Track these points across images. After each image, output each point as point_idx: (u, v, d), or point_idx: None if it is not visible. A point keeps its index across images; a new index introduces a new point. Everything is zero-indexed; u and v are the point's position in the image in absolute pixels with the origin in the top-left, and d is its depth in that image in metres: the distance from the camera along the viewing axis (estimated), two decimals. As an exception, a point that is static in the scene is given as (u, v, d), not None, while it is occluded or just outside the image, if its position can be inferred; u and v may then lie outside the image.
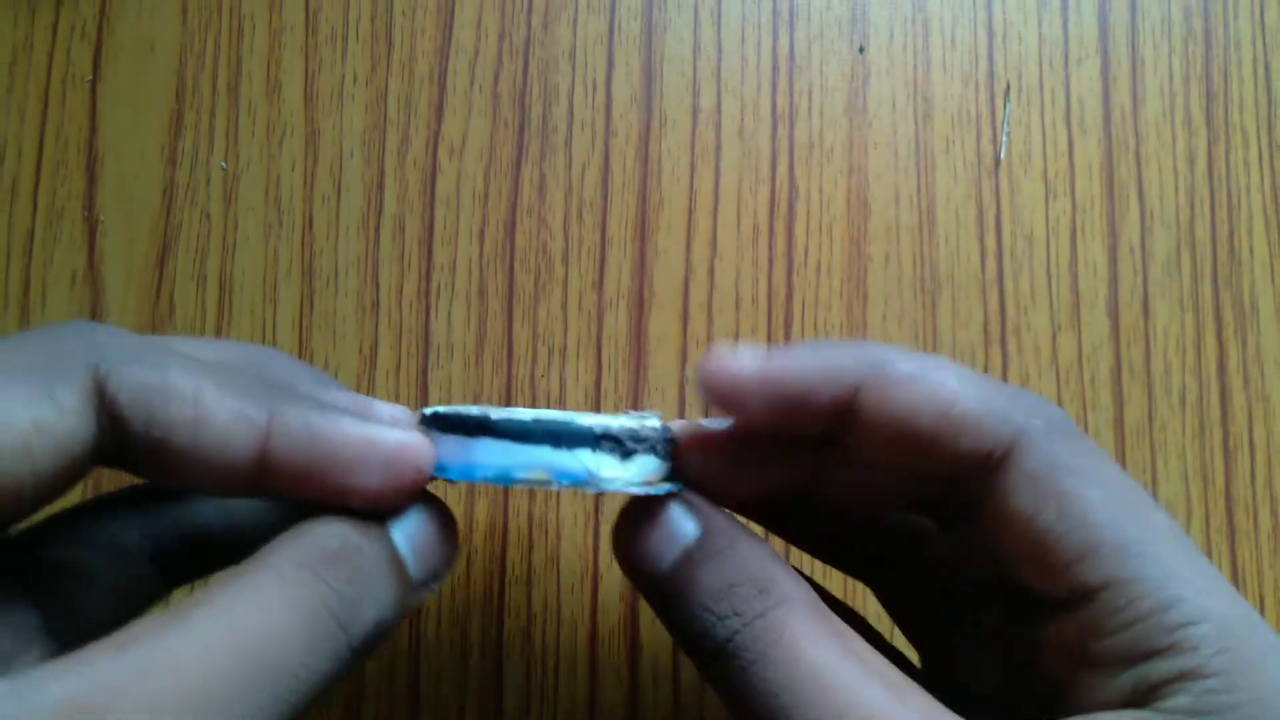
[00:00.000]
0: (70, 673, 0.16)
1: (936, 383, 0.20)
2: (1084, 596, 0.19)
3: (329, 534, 0.19)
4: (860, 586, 0.28)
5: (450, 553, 0.21)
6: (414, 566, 0.20)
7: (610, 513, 0.32)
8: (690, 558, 0.21)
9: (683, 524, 0.21)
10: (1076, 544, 0.19)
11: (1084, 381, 0.34)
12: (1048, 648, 0.20)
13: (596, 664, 0.32)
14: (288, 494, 0.20)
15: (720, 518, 0.21)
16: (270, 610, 0.18)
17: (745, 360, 0.21)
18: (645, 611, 0.32)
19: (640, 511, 0.21)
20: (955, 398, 0.20)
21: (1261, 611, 0.33)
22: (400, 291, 0.33)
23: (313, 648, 0.18)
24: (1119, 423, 0.33)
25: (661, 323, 0.33)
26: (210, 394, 0.19)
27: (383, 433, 0.20)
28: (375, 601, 0.19)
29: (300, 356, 0.33)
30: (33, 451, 0.18)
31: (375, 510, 0.20)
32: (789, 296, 0.34)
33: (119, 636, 0.17)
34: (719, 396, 0.21)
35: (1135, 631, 0.19)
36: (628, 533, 0.22)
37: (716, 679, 0.20)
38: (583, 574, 0.32)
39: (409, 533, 0.20)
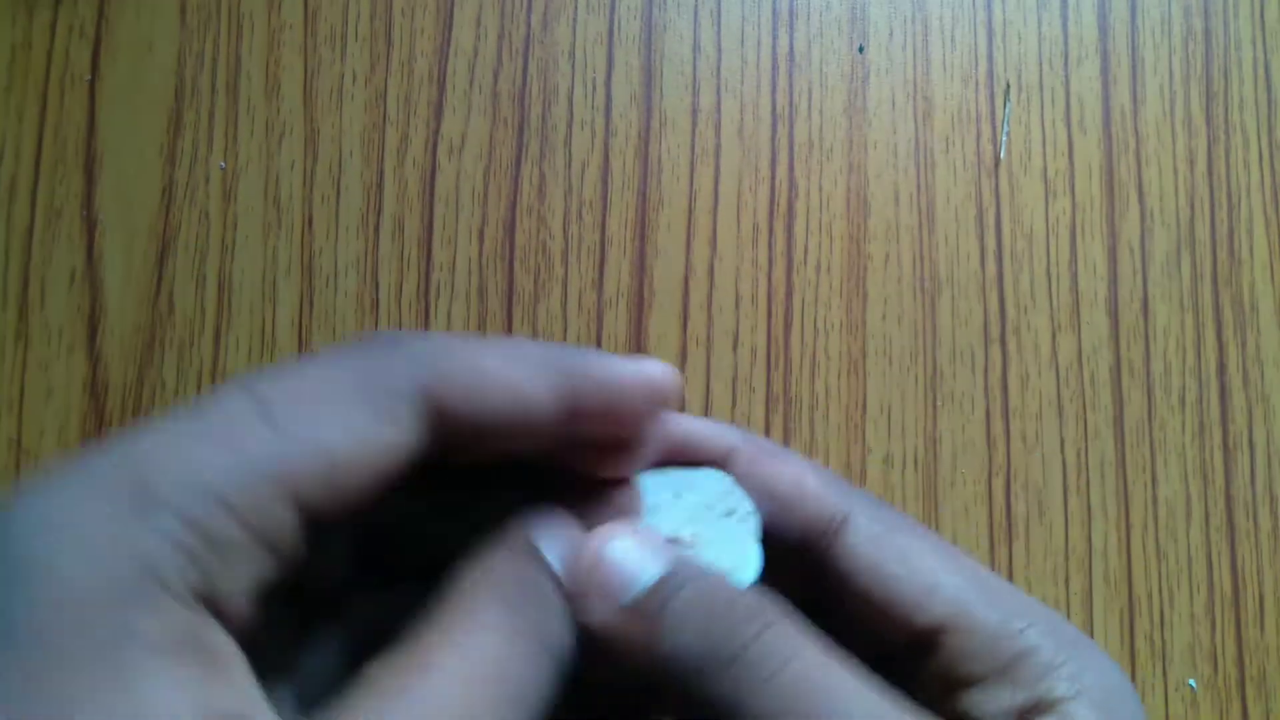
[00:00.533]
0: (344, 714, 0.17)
1: (790, 461, 0.24)
2: (935, 630, 0.22)
3: (519, 568, 0.20)
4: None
5: (616, 575, 0.22)
6: (574, 592, 0.21)
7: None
8: (663, 583, 0.21)
9: (645, 561, 0.21)
10: (920, 586, 0.22)
11: (1084, 381, 0.34)
12: (928, 688, 0.23)
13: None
14: (587, 434, 0.21)
15: (680, 553, 0.22)
16: (487, 641, 0.18)
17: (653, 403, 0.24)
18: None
19: (595, 542, 0.22)
20: (804, 475, 0.24)
21: (1261, 611, 0.33)
22: (400, 291, 0.33)
23: (535, 671, 0.19)
24: (1118, 422, 0.33)
25: (661, 322, 0.33)
26: (514, 367, 0.20)
27: (647, 364, 0.22)
28: (558, 622, 0.20)
29: (300, 356, 0.33)
30: (375, 472, 0.19)
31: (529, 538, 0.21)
32: (789, 295, 0.34)
33: (367, 688, 0.17)
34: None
35: (991, 647, 0.22)
36: (585, 561, 0.22)
37: (710, 706, 0.20)
38: (582, 574, 0.32)
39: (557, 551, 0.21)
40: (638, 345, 0.33)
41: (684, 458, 0.24)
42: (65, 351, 0.33)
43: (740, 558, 0.23)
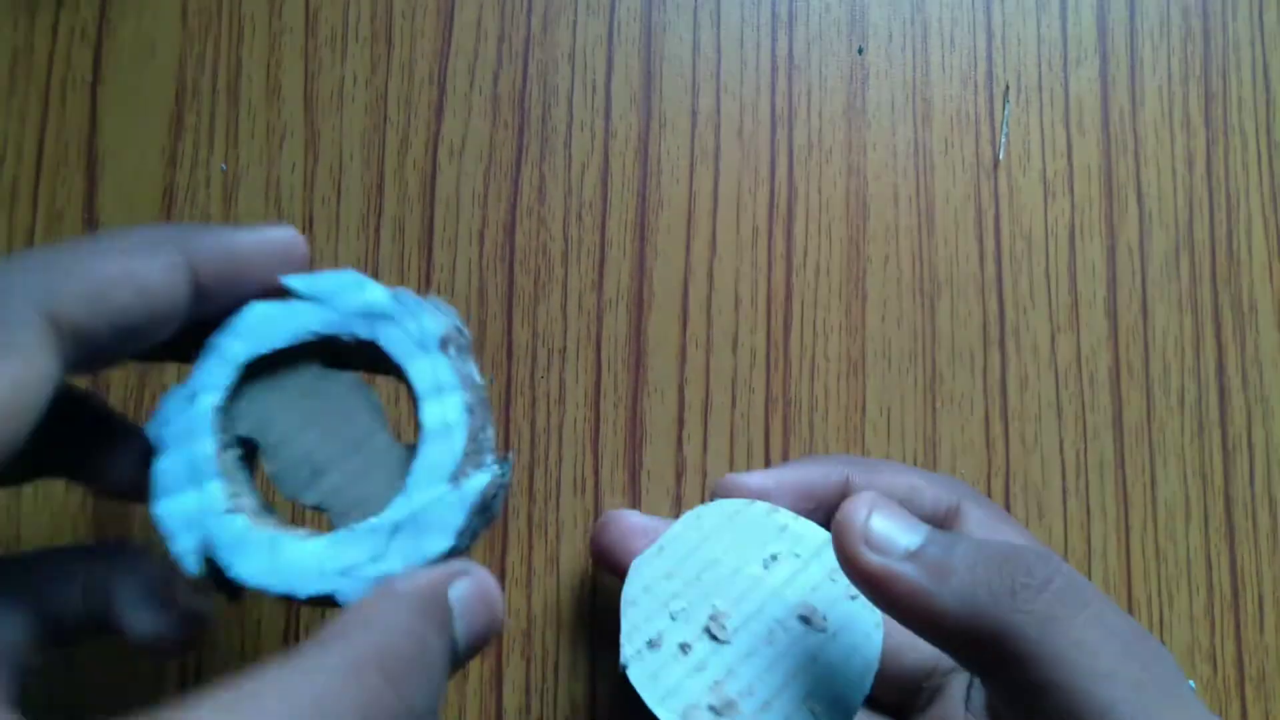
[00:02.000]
0: None
1: (897, 469, 0.28)
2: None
3: (401, 630, 0.19)
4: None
5: (492, 619, 0.21)
6: (460, 635, 0.21)
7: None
8: (934, 540, 0.23)
9: (909, 517, 0.23)
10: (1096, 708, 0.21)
11: (1083, 382, 0.34)
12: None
13: (596, 665, 0.32)
14: (221, 301, 0.22)
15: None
16: (339, 710, 0.17)
17: (754, 482, 0.28)
18: (645, 612, 0.32)
19: (864, 502, 0.23)
20: (913, 478, 0.28)
21: (1260, 612, 0.33)
22: (400, 293, 0.33)
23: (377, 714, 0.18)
24: (1118, 423, 0.33)
25: (661, 323, 0.33)
26: (134, 264, 0.20)
27: (272, 230, 0.23)
28: (433, 688, 0.19)
29: None
30: (18, 411, 0.18)
31: (438, 586, 0.20)
32: (788, 297, 0.34)
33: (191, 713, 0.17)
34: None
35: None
36: (859, 513, 0.23)
37: (1026, 622, 0.21)
38: (582, 576, 0.32)
39: (458, 598, 0.21)
40: (637, 346, 0.33)
41: (812, 502, 0.28)
42: (67, 353, 0.33)
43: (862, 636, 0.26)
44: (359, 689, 0.18)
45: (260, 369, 0.22)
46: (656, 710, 0.24)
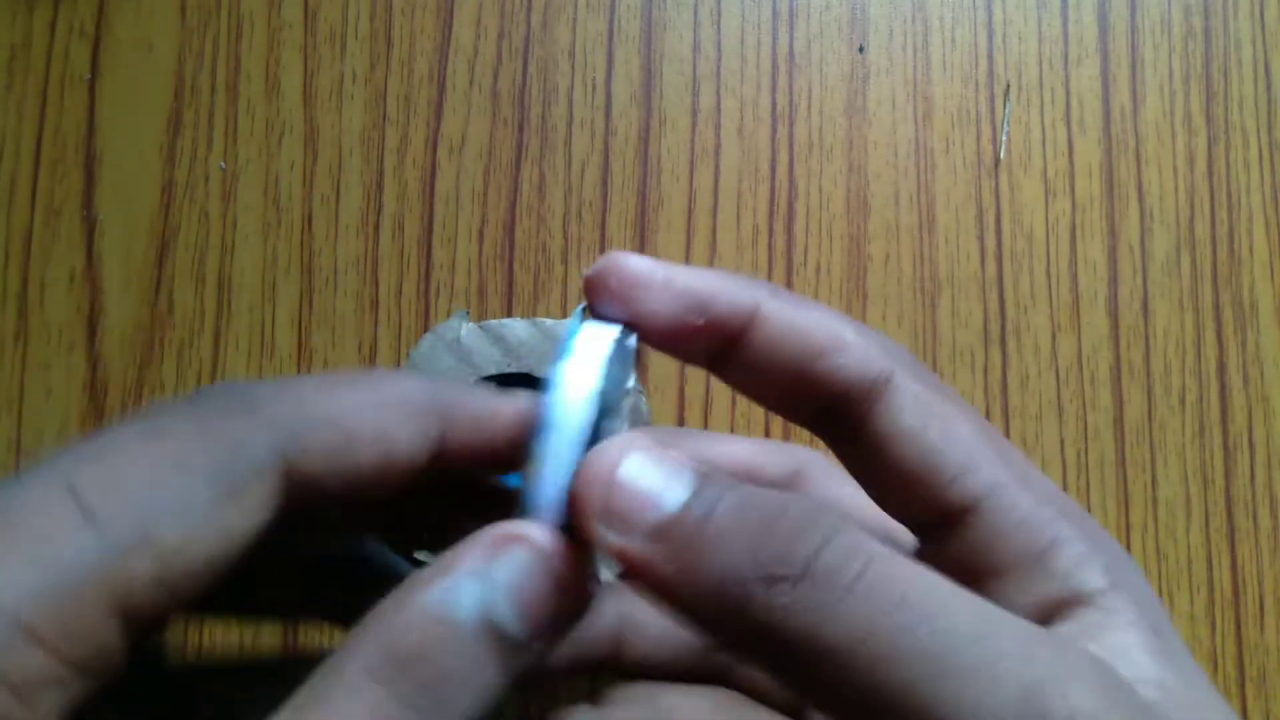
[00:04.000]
0: None
1: (826, 315, 0.21)
2: (969, 506, 0.20)
3: (405, 628, 0.17)
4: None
5: (567, 601, 0.18)
6: (516, 625, 0.18)
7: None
8: (698, 496, 0.18)
9: (670, 466, 0.18)
10: (959, 457, 0.20)
11: (1084, 381, 0.34)
12: (956, 572, 0.20)
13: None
14: (460, 463, 0.20)
15: (710, 465, 0.20)
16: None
17: (646, 263, 0.20)
18: (644, 611, 0.32)
19: (606, 458, 0.19)
20: (845, 325, 0.21)
21: (1261, 612, 0.33)
22: (399, 290, 0.33)
23: None
24: (1119, 422, 0.33)
25: (661, 322, 0.33)
26: (386, 422, 0.19)
27: (512, 400, 0.21)
28: (465, 687, 0.17)
29: (299, 356, 0.33)
30: (216, 563, 0.17)
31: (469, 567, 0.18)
32: (789, 296, 0.34)
33: None
34: (622, 290, 0.20)
35: (1025, 531, 0.19)
36: (597, 480, 0.18)
37: (781, 620, 0.16)
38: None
39: (510, 586, 0.18)
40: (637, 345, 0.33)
41: (701, 315, 0.21)
42: (65, 351, 0.33)
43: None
44: (351, 697, 0.16)
45: None
46: None
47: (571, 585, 0.18)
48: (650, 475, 0.18)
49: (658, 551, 0.17)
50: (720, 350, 0.21)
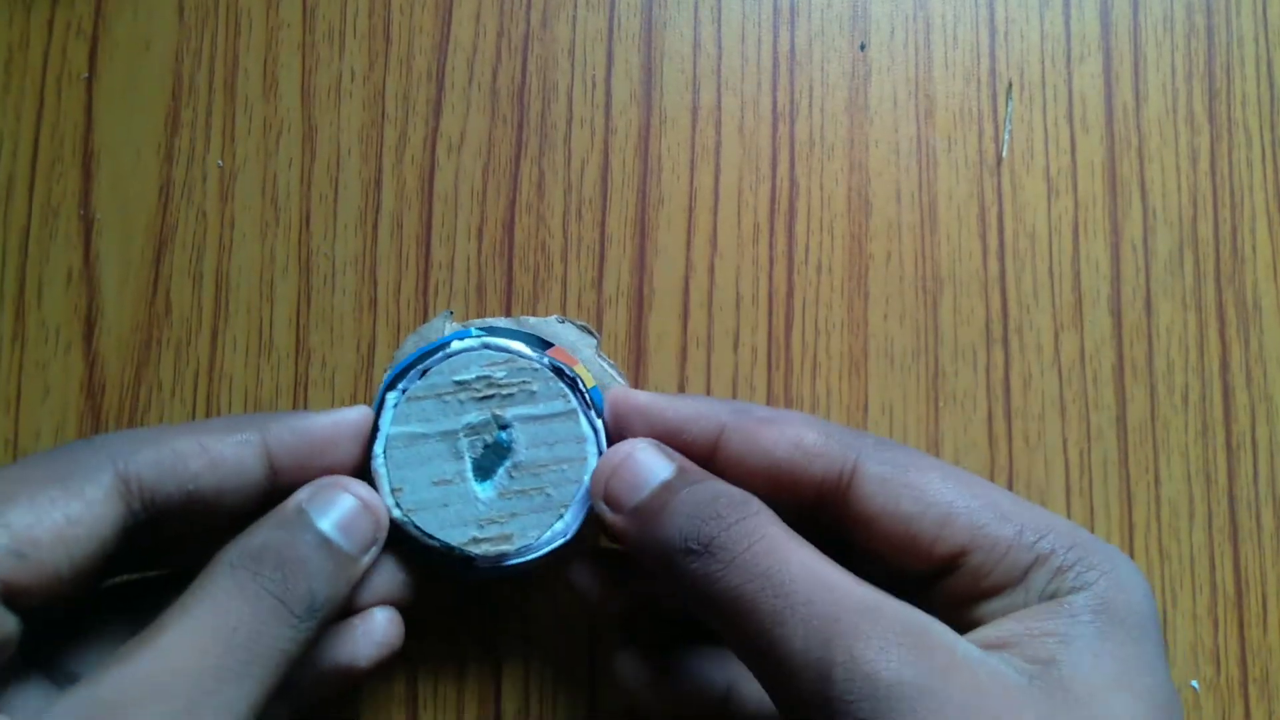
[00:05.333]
0: (94, 684, 0.21)
1: (787, 424, 0.25)
2: (955, 557, 0.24)
3: (253, 537, 0.24)
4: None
5: (375, 523, 0.26)
6: (344, 541, 0.25)
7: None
8: (667, 488, 0.24)
9: (655, 465, 0.25)
10: (935, 519, 0.24)
11: (1086, 380, 0.33)
12: (946, 606, 0.24)
13: (596, 665, 0.32)
14: (295, 483, 0.26)
15: (691, 462, 0.25)
16: (219, 603, 0.22)
17: (637, 397, 0.27)
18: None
19: (616, 456, 0.26)
20: (802, 434, 0.25)
21: (1264, 612, 0.32)
22: (398, 289, 0.33)
23: (262, 624, 0.22)
24: (1121, 422, 0.33)
25: (661, 321, 0.33)
26: (209, 440, 0.24)
27: (345, 413, 0.27)
28: (308, 575, 0.24)
29: (297, 355, 0.33)
30: (68, 542, 0.22)
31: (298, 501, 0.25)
32: (789, 295, 0.33)
33: (119, 656, 0.21)
34: (614, 421, 0.27)
35: (1008, 561, 0.23)
36: (605, 471, 0.26)
37: (694, 582, 0.23)
38: (582, 574, 0.32)
39: (335, 515, 0.25)
40: (638, 344, 0.33)
41: (676, 442, 0.26)
42: (62, 351, 0.33)
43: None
44: (222, 582, 0.23)
45: None
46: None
47: (377, 518, 0.26)
48: (643, 465, 0.25)
49: (631, 524, 0.25)
50: (705, 462, 0.26)
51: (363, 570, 0.26)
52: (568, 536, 0.27)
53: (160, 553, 0.27)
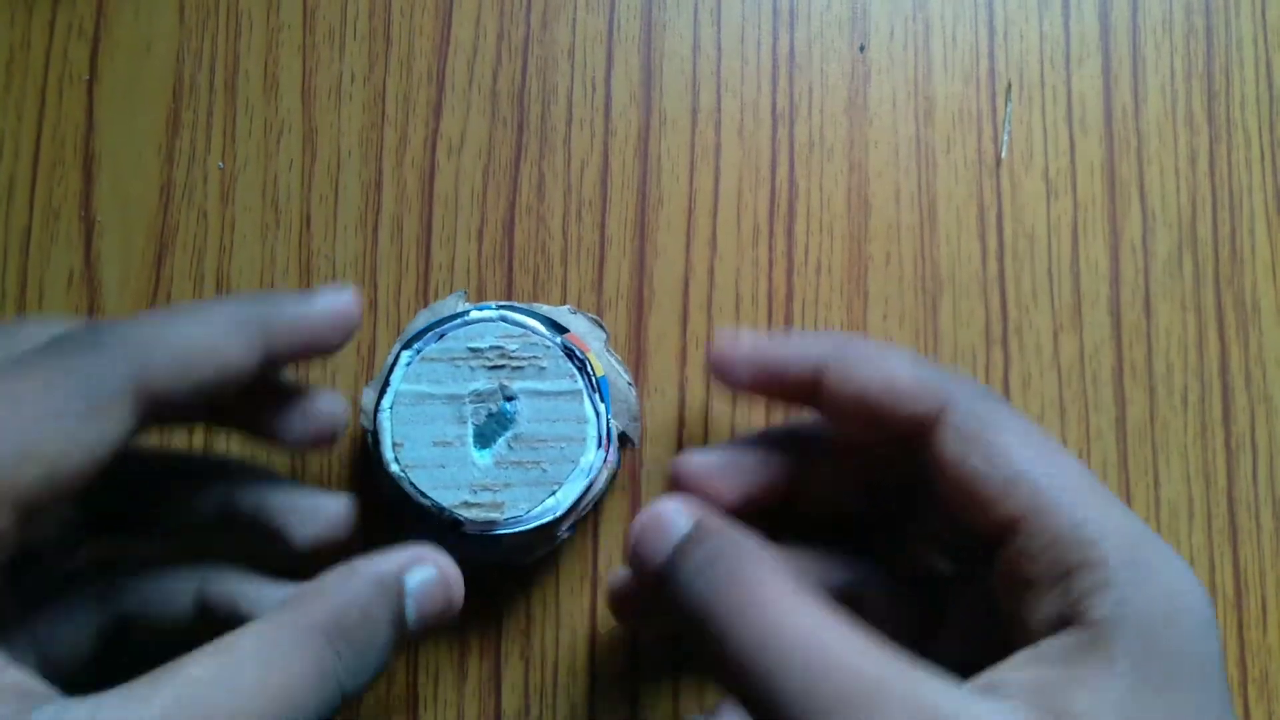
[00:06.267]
0: (121, 705, 0.19)
1: (883, 361, 0.25)
2: (1010, 526, 0.22)
3: (349, 602, 0.23)
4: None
5: (448, 604, 0.25)
6: (413, 615, 0.24)
7: (612, 512, 0.32)
8: (680, 549, 0.23)
9: (677, 521, 0.24)
10: (999, 481, 0.22)
11: (1085, 381, 0.33)
12: (998, 586, 0.23)
13: (595, 665, 0.32)
14: (289, 360, 0.26)
15: (712, 516, 0.24)
16: (286, 671, 0.21)
17: (741, 342, 0.27)
18: (645, 613, 0.32)
19: (645, 514, 0.25)
20: (896, 373, 0.25)
21: (1263, 613, 0.32)
22: (398, 291, 0.33)
23: (313, 702, 0.21)
24: (1121, 423, 0.33)
25: (661, 323, 0.33)
26: (218, 342, 0.24)
27: (342, 295, 0.26)
28: (376, 656, 0.23)
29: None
30: (84, 467, 0.21)
31: (393, 565, 0.24)
32: (789, 296, 0.34)
33: (150, 681, 0.20)
34: (718, 369, 0.27)
35: (1054, 551, 0.21)
36: (634, 527, 0.25)
37: (706, 653, 0.22)
38: (581, 575, 0.32)
39: (418, 582, 0.25)
40: (638, 345, 0.33)
41: (778, 384, 0.26)
42: (63, 352, 0.33)
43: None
44: (305, 648, 0.21)
45: None
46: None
47: (451, 601, 0.25)
48: (662, 525, 0.24)
49: (658, 586, 0.24)
50: (807, 400, 0.26)
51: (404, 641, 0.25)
52: (557, 514, 0.27)
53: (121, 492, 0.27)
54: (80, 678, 0.23)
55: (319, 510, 0.27)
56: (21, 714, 0.18)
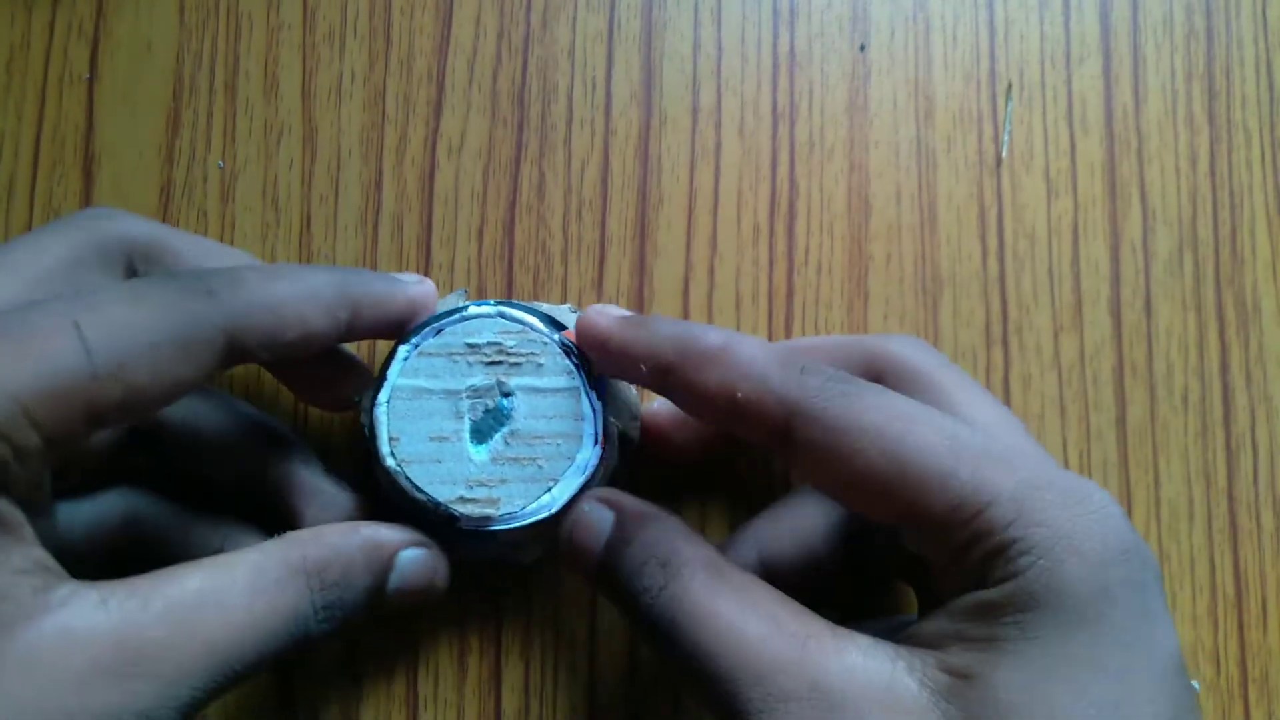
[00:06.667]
0: (117, 608, 0.20)
1: (726, 370, 0.24)
2: (899, 520, 0.22)
3: (337, 557, 0.24)
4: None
5: (430, 586, 0.27)
6: (393, 586, 0.26)
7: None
8: (610, 547, 0.25)
9: (601, 518, 0.26)
10: (867, 490, 0.22)
11: (1086, 381, 0.33)
12: (931, 567, 0.23)
13: (595, 665, 0.32)
14: (362, 336, 0.27)
15: (631, 503, 0.25)
16: (270, 602, 0.22)
17: (600, 325, 0.26)
18: (645, 612, 0.32)
19: (571, 513, 0.26)
20: (737, 385, 0.23)
21: (1264, 613, 0.32)
22: (399, 291, 0.33)
23: (284, 637, 0.22)
24: (1121, 423, 0.33)
25: (661, 322, 0.33)
26: (308, 312, 0.25)
27: (424, 285, 0.28)
28: (346, 613, 0.24)
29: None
30: (169, 397, 0.23)
31: (383, 536, 0.26)
32: (789, 296, 0.33)
33: (152, 581, 0.21)
34: (583, 342, 0.27)
35: (944, 535, 0.22)
36: (564, 534, 0.26)
37: (657, 650, 0.24)
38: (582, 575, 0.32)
39: (408, 558, 0.26)
40: (638, 345, 0.33)
41: (634, 374, 0.26)
42: (63, 351, 0.33)
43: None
44: (289, 586, 0.23)
45: None
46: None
47: (434, 584, 0.27)
48: (589, 524, 0.26)
49: (599, 587, 0.26)
50: (663, 392, 0.26)
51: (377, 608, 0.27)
52: (552, 510, 0.27)
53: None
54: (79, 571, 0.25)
55: (337, 502, 0.28)
56: (44, 590, 0.20)
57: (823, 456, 0.23)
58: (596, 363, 0.27)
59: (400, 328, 0.28)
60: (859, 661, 0.21)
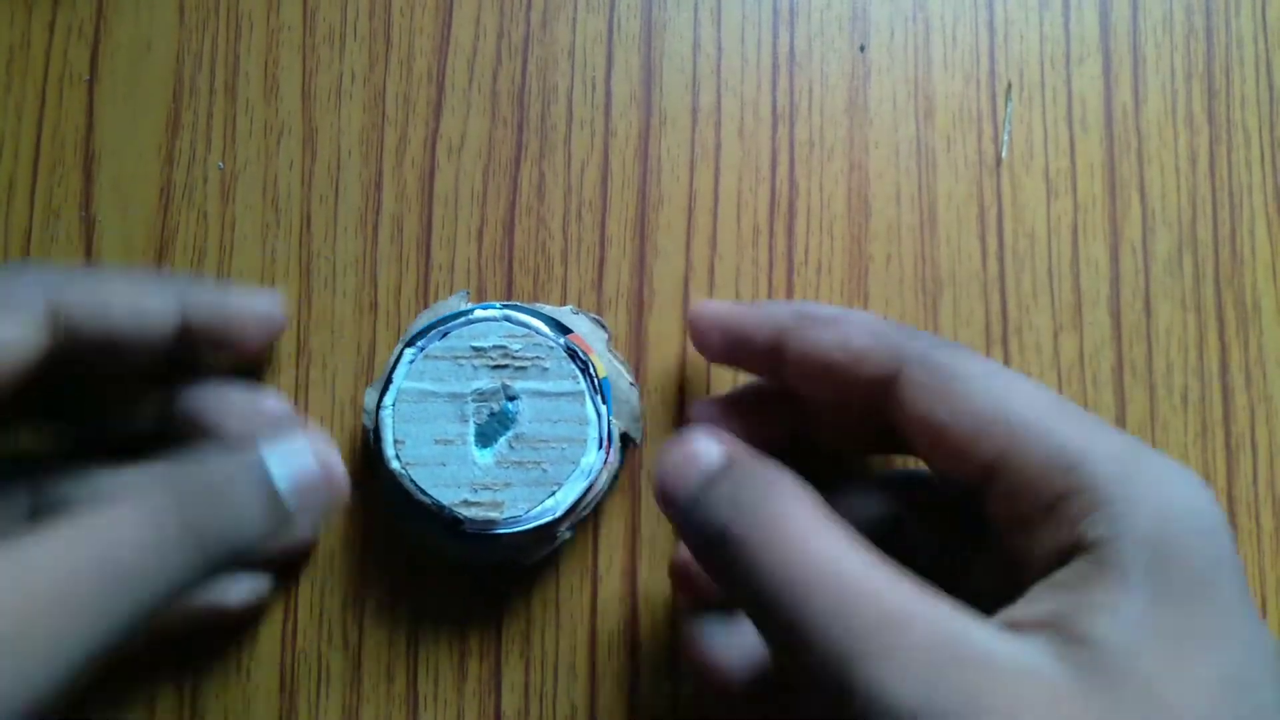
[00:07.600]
0: None
1: (840, 325, 0.25)
2: (989, 469, 0.22)
3: (191, 461, 0.23)
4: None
5: (329, 485, 0.25)
6: (288, 492, 0.24)
7: (612, 512, 0.32)
8: (709, 480, 0.23)
9: (709, 453, 0.23)
10: (966, 427, 0.22)
11: (1086, 381, 0.33)
12: (999, 528, 0.23)
13: (596, 666, 0.32)
14: (199, 350, 0.27)
15: (742, 450, 0.24)
16: (123, 521, 0.21)
17: (715, 309, 0.28)
18: (645, 613, 0.32)
19: (674, 443, 0.24)
20: (851, 336, 0.25)
21: (1264, 613, 0.32)
22: (398, 291, 0.33)
23: (163, 556, 0.21)
24: (1121, 423, 0.33)
25: (661, 322, 0.33)
26: (135, 290, 0.26)
27: (256, 300, 0.29)
28: (235, 519, 0.22)
29: (298, 356, 0.33)
30: (9, 352, 0.23)
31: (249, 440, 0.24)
32: (789, 296, 0.33)
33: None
34: (694, 334, 0.29)
35: (1039, 484, 0.21)
36: (662, 462, 0.24)
37: (729, 580, 0.21)
38: (582, 575, 0.32)
39: (288, 462, 0.24)
40: (638, 345, 0.33)
41: (745, 352, 0.27)
42: (63, 352, 0.33)
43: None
44: (148, 513, 0.21)
45: None
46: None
47: (333, 481, 0.25)
48: (693, 457, 0.23)
49: (679, 519, 0.23)
50: (773, 368, 0.27)
51: (292, 534, 0.27)
52: (556, 514, 0.27)
53: (61, 399, 0.28)
54: None
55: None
56: None
57: (927, 399, 0.23)
58: (705, 350, 0.28)
59: (245, 338, 0.28)
60: (983, 629, 0.19)
